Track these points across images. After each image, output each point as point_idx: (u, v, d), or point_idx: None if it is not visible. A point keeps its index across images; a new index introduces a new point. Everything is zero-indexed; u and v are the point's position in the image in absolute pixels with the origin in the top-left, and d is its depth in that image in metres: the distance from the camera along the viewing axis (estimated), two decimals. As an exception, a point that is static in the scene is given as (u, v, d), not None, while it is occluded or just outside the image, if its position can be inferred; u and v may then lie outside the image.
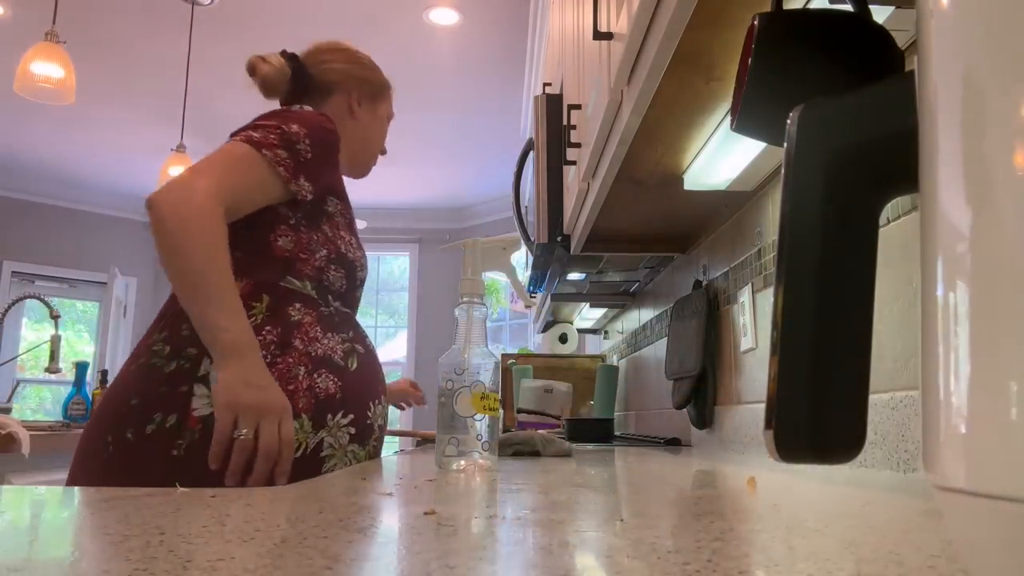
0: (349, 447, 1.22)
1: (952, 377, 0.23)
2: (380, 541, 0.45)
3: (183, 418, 1.11)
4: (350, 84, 1.48)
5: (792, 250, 0.35)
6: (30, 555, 0.39)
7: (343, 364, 1.23)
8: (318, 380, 1.19)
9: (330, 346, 1.23)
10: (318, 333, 1.23)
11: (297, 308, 1.22)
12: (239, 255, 1.18)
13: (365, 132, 1.50)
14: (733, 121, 0.59)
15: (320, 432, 1.18)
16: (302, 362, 1.19)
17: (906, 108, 0.31)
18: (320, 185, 1.28)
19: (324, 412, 1.19)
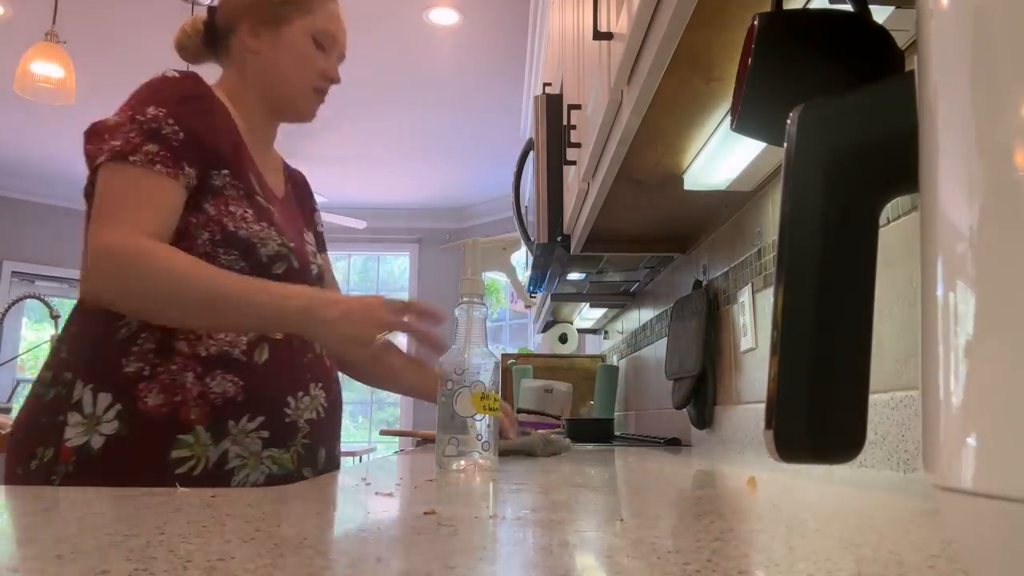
0: (265, 453, 1.09)
1: (952, 377, 0.23)
2: (380, 541, 0.45)
3: (57, 451, 1.02)
4: (242, 16, 1.25)
5: (792, 250, 0.35)
6: (29, 555, 0.39)
7: (246, 359, 1.09)
8: (212, 384, 1.06)
9: (228, 340, 1.09)
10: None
11: None
12: None
13: (271, 64, 1.25)
14: (733, 121, 0.59)
15: (222, 442, 1.06)
16: (189, 367, 1.06)
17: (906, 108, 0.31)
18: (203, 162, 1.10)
19: (223, 419, 1.06)
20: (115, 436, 1.02)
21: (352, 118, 5.33)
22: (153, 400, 1.03)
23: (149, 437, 1.03)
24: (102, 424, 1.02)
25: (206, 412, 1.05)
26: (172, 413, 1.04)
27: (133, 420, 1.03)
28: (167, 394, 1.04)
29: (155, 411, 1.03)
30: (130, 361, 1.05)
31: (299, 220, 1.32)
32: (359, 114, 5.27)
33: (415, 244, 7.53)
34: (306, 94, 1.28)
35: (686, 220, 1.94)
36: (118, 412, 1.03)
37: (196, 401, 1.05)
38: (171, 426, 1.04)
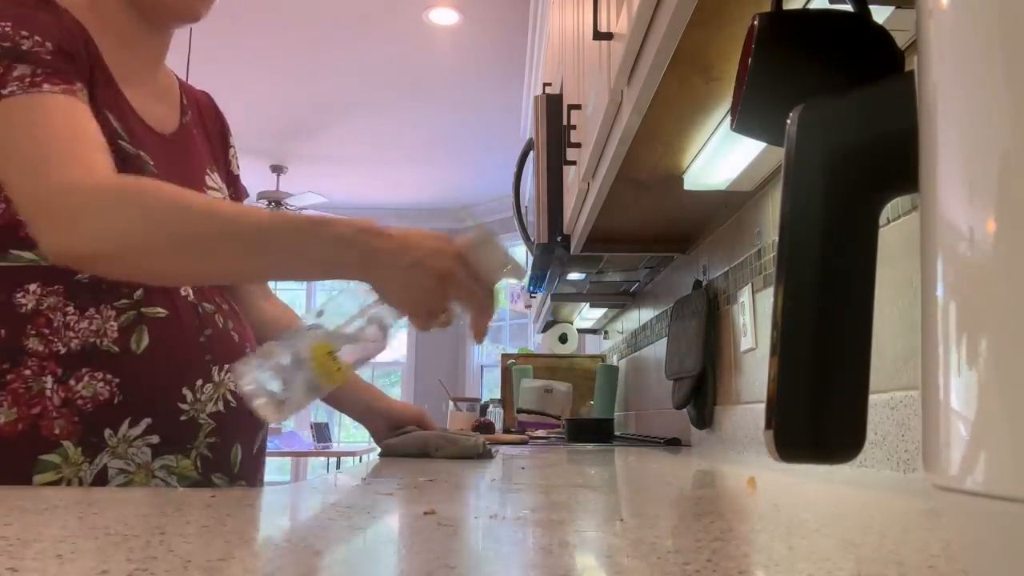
0: (158, 463, 0.88)
1: (952, 377, 0.23)
2: (380, 541, 0.45)
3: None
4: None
5: (792, 250, 0.35)
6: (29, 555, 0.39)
7: (117, 349, 0.86)
8: (78, 387, 0.84)
9: (93, 329, 0.86)
10: (70, 316, 0.85)
11: (30, 291, 0.84)
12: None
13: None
14: (733, 121, 0.59)
15: (99, 456, 0.85)
16: (48, 369, 0.84)
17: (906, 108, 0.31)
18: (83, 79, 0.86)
19: (98, 428, 0.85)
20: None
21: (352, 118, 5.33)
22: (5, 415, 0.82)
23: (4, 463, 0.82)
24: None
25: (74, 423, 0.84)
26: (30, 428, 0.82)
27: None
28: (21, 405, 0.83)
29: (7, 430, 0.82)
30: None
31: (200, 159, 1.05)
32: (359, 114, 5.27)
33: (415, 244, 7.52)
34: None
35: (686, 220, 1.95)
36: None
37: (59, 412, 0.84)
38: (30, 444, 0.82)
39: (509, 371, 3.61)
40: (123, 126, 0.91)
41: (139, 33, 0.98)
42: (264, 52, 4.37)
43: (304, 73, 4.62)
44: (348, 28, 4.18)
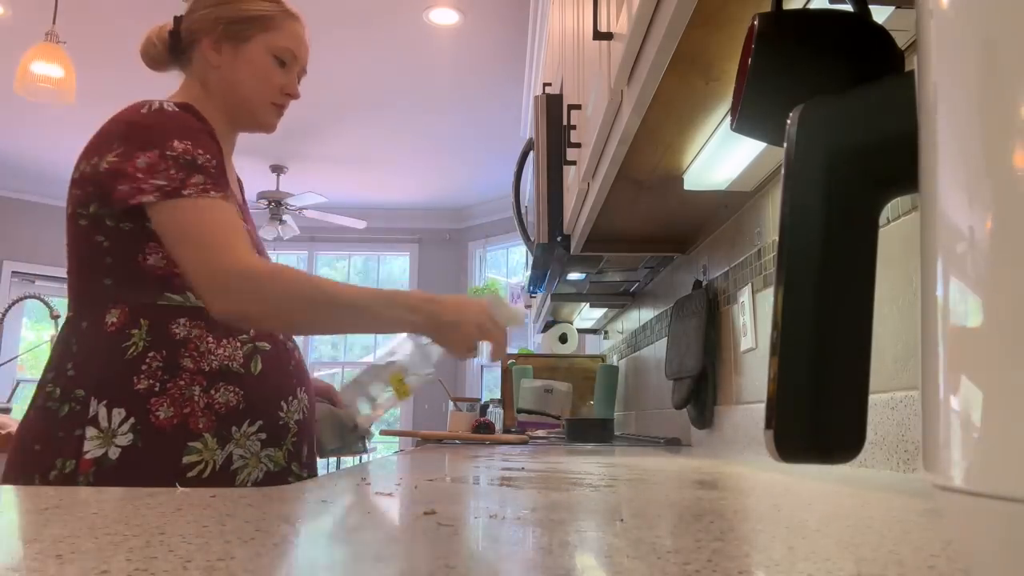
0: (263, 453, 1.19)
1: (952, 377, 0.23)
2: (380, 541, 0.45)
3: (77, 462, 1.10)
4: (203, 31, 1.29)
5: (792, 250, 0.35)
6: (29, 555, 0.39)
7: (243, 371, 1.18)
8: (216, 396, 1.15)
9: (226, 355, 1.18)
10: (210, 345, 1.17)
11: (182, 324, 1.16)
12: (109, 283, 1.16)
13: (231, 78, 1.30)
14: (733, 121, 0.59)
15: (228, 446, 1.16)
16: (196, 381, 1.14)
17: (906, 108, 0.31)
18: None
19: (228, 426, 1.16)
20: (130, 447, 1.11)
21: (352, 118, 5.33)
22: (164, 413, 1.13)
23: (161, 446, 1.12)
24: (118, 437, 1.11)
25: (212, 421, 1.15)
26: (182, 423, 1.13)
27: (146, 432, 1.12)
28: (176, 407, 1.13)
29: (166, 423, 1.13)
30: (141, 379, 1.13)
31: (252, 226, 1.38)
32: (359, 114, 5.27)
33: (415, 244, 7.53)
34: (265, 108, 1.33)
35: (686, 220, 1.95)
36: (132, 426, 1.11)
37: (204, 412, 1.15)
38: (182, 435, 1.13)
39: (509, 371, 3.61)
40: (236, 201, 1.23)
41: (227, 131, 1.33)
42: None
43: (304, 73, 4.62)
44: (348, 28, 4.18)
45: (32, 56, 3.13)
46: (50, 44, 3.16)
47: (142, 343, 1.14)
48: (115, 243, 1.16)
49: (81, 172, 1.20)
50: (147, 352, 1.14)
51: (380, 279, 7.87)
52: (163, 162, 1.12)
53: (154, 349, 1.14)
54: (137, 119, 1.17)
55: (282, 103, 1.35)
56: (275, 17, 1.32)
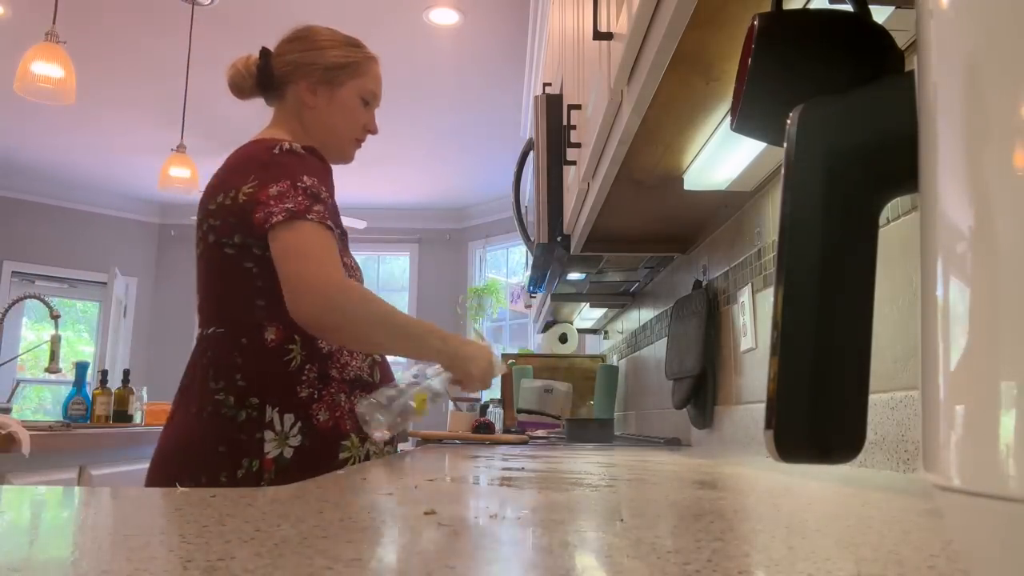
0: (386, 449, 1.41)
1: (952, 377, 0.23)
2: (380, 541, 0.45)
3: (261, 462, 1.28)
4: (300, 74, 1.45)
5: (792, 250, 0.35)
6: (30, 555, 0.39)
7: (370, 379, 1.39)
8: (355, 401, 1.34)
9: (358, 366, 1.38)
10: (347, 358, 1.37)
11: (321, 343, 1.34)
12: (262, 303, 1.32)
13: (326, 119, 1.47)
14: (733, 121, 0.59)
15: (365, 444, 1.36)
16: (341, 389, 1.34)
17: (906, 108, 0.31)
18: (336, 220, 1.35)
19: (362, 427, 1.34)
20: (300, 447, 1.30)
21: (352, 118, 5.33)
22: (323, 416, 1.32)
23: (323, 445, 1.31)
24: (290, 438, 1.30)
25: (354, 422, 1.33)
26: (335, 425, 1.33)
27: (311, 433, 1.30)
28: (330, 412, 1.33)
29: (324, 425, 1.32)
30: (302, 387, 1.31)
31: None
32: (359, 114, 5.26)
33: (415, 244, 7.52)
34: (351, 145, 1.52)
35: (686, 220, 1.94)
36: (300, 428, 1.30)
37: (349, 415, 1.34)
38: (336, 435, 1.33)
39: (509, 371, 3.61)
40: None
41: None
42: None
43: (304, 73, 4.62)
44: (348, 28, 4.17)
45: (32, 56, 3.13)
46: (50, 44, 3.16)
47: (299, 356, 1.32)
48: (263, 269, 1.31)
49: (219, 204, 1.34)
50: (304, 365, 1.32)
51: (380, 279, 7.87)
52: (293, 191, 1.28)
53: (309, 363, 1.33)
54: (270, 158, 1.33)
55: (363, 138, 1.53)
56: (362, 63, 1.50)
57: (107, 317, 6.76)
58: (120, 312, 6.95)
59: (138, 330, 7.27)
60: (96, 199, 7.10)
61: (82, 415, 3.13)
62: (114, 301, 6.75)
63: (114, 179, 6.76)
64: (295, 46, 1.48)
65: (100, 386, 3.23)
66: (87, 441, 2.48)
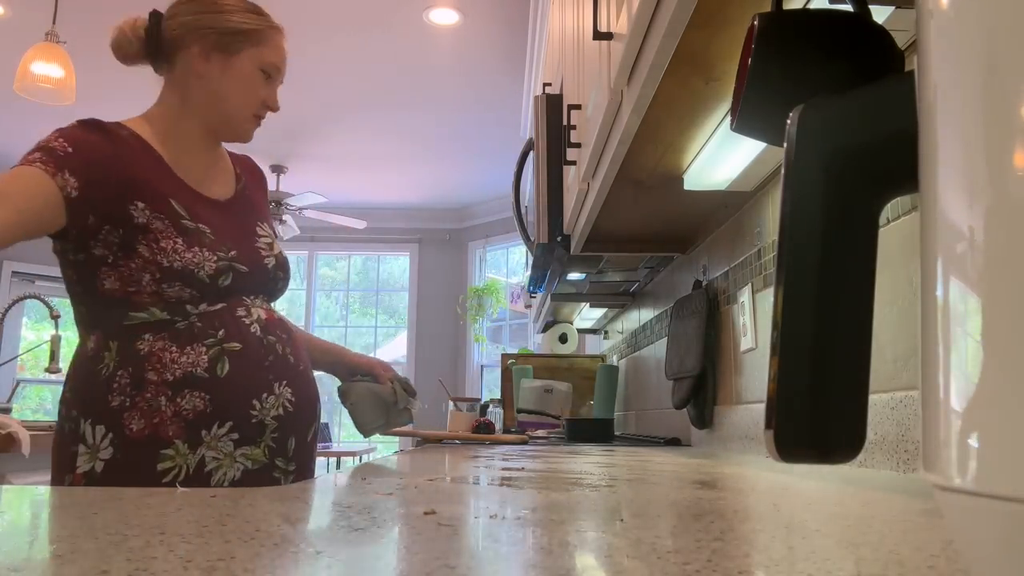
0: (237, 452, 1.25)
1: (952, 377, 0.23)
2: (380, 541, 0.45)
3: (74, 477, 1.21)
4: (193, 37, 1.31)
5: (792, 250, 0.35)
6: (30, 555, 0.39)
7: (207, 375, 1.23)
8: (182, 403, 1.21)
9: (189, 362, 1.22)
10: (173, 355, 1.22)
11: (145, 340, 1.22)
12: (83, 310, 1.26)
13: (215, 89, 1.32)
14: (733, 121, 0.59)
15: (199, 449, 1.22)
16: (161, 392, 1.21)
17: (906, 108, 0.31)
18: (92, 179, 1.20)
19: (197, 430, 1.22)
20: (111, 459, 1.20)
21: (352, 118, 5.33)
22: (136, 425, 1.20)
23: (137, 456, 1.20)
24: (101, 451, 1.20)
25: (182, 428, 1.21)
26: (153, 433, 1.20)
27: (123, 444, 1.20)
28: (146, 418, 1.20)
29: (139, 434, 1.20)
30: (114, 396, 1.20)
31: (250, 215, 1.41)
32: (359, 114, 5.27)
33: (415, 244, 7.53)
34: (247, 120, 1.37)
35: (686, 220, 1.94)
36: (111, 440, 1.20)
37: (172, 420, 1.20)
38: (154, 444, 1.20)
39: (509, 371, 3.61)
40: (184, 207, 1.27)
41: (203, 144, 1.37)
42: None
43: (304, 73, 4.62)
44: (348, 28, 4.18)
45: (32, 56, 3.13)
46: (50, 44, 3.16)
47: (112, 363, 1.22)
48: (77, 273, 1.24)
49: None
50: (116, 371, 1.21)
51: (380, 279, 7.87)
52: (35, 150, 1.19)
53: (122, 367, 1.21)
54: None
55: (262, 115, 1.39)
56: (264, 31, 1.35)
57: (107, 317, 6.75)
58: (120, 312, 6.94)
59: (138, 330, 7.26)
60: (96, 199, 7.09)
61: (82, 415, 3.12)
62: (114, 301, 6.75)
63: (114, 179, 6.74)
64: (190, 7, 1.33)
65: (100, 386, 3.22)
66: (87, 441, 2.48)
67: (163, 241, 1.22)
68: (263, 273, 1.33)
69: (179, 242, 1.23)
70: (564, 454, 1.49)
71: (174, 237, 1.23)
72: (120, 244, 1.21)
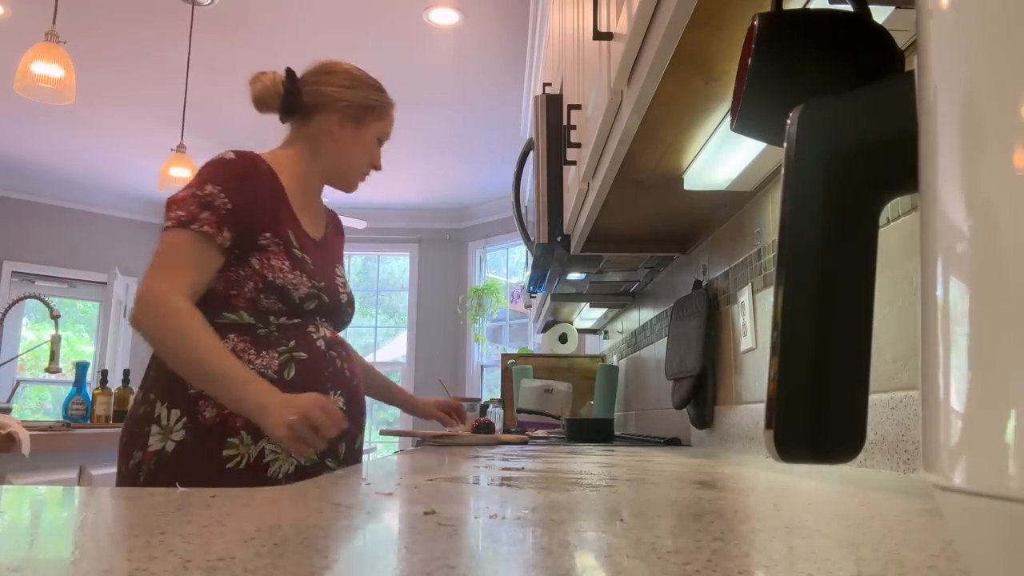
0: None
1: (952, 377, 0.23)
2: (380, 541, 0.45)
3: (144, 454, 1.34)
4: (334, 106, 1.56)
5: (792, 250, 0.35)
6: (30, 555, 0.39)
7: (277, 377, 1.38)
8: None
9: (264, 364, 1.39)
10: (251, 356, 1.38)
11: (231, 338, 1.38)
12: None
13: (344, 151, 1.58)
14: (733, 121, 0.59)
15: (259, 442, 1.36)
16: None
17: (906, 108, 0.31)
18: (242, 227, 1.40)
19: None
20: (182, 442, 1.34)
21: (352, 118, 5.32)
22: (209, 413, 1.35)
23: (207, 441, 1.34)
24: (173, 433, 1.34)
25: (247, 419, 1.33)
26: (223, 421, 1.34)
27: (195, 429, 1.35)
28: (219, 408, 1.34)
29: (210, 421, 1.35)
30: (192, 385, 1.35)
31: (332, 256, 1.63)
32: (359, 114, 5.26)
33: (415, 244, 7.52)
34: (359, 177, 1.65)
35: (686, 220, 1.94)
36: (184, 423, 1.35)
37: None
38: (222, 431, 1.35)
39: (509, 371, 3.61)
40: (296, 237, 1.48)
41: (317, 190, 1.62)
42: (264, 52, 4.38)
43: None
44: (348, 28, 4.18)
45: (32, 56, 3.13)
46: (50, 44, 3.16)
47: None
48: None
49: None
50: None
51: (380, 279, 7.87)
52: (192, 201, 1.38)
53: None
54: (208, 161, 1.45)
55: (368, 173, 1.66)
56: (386, 107, 1.64)
57: (107, 317, 6.76)
58: (120, 312, 6.95)
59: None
60: (96, 199, 7.10)
61: (82, 415, 3.13)
62: (114, 301, 6.76)
63: (114, 179, 6.76)
64: (329, 79, 1.58)
65: (100, 386, 3.23)
66: (87, 441, 2.48)
67: (274, 260, 1.42)
68: (338, 305, 1.54)
69: (286, 264, 1.44)
70: (564, 454, 1.49)
71: (283, 259, 1.44)
72: (238, 256, 1.40)
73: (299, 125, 1.59)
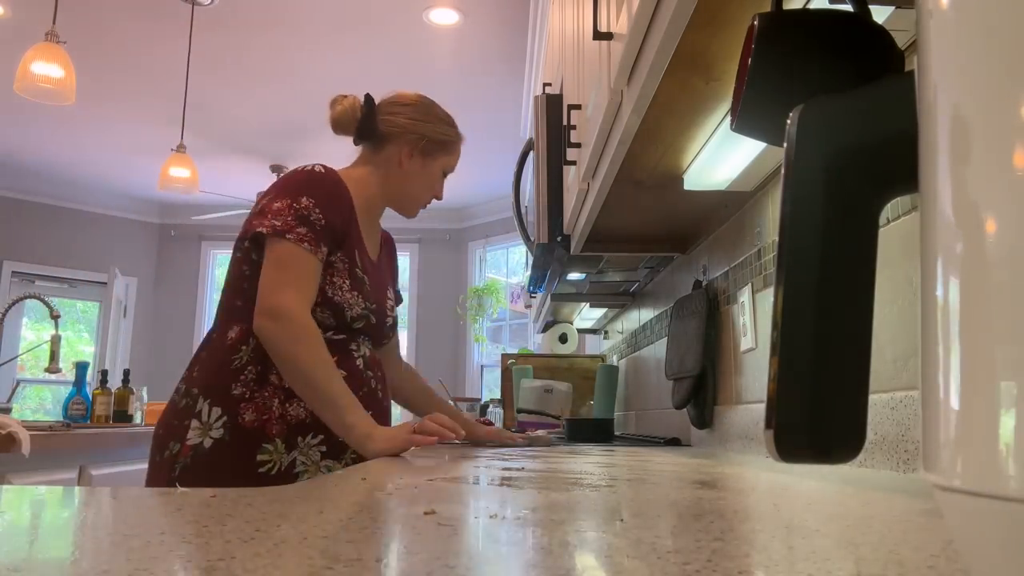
0: (323, 463, 1.43)
1: (952, 377, 0.23)
2: (380, 541, 0.45)
3: (182, 447, 1.37)
4: (406, 138, 1.61)
5: (792, 250, 0.35)
6: (30, 555, 0.39)
7: None
8: (290, 408, 1.40)
9: None
10: None
11: None
12: (239, 303, 1.44)
13: (409, 182, 1.64)
14: (733, 121, 0.59)
15: (292, 452, 1.40)
16: (276, 395, 1.40)
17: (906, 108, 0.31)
18: (330, 245, 1.44)
19: (295, 435, 1.40)
20: (220, 440, 1.37)
21: (352, 118, 5.32)
22: (249, 416, 1.38)
23: (243, 443, 1.37)
24: (212, 430, 1.37)
25: (284, 429, 1.39)
26: (261, 427, 1.38)
27: (233, 429, 1.38)
28: (258, 413, 1.39)
29: (249, 424, 1.38)
30: (237, 386, 1.39)
31: (386, 278, 1.67)
32: (359, 114, 5.26)
33: (415, 244, 7.52)
34: (421, 205, 1.70)
35: (686, 220, 1.94)
36: (224, 422, 1.38)
37: (278, 420, 1.39)
38: (259, 436, 1.38)
39: (509, 371, 3.61)
40: (360, 257, 1.53)
41: (379, 212, 1.67)
42: (264, 52, 4.38)
43: (304, 73, 4.62)
44: (348, 28, 4.18)
45: (32, 56, 3.13)
46: (50, 44, 3.16)
47: (247, 357, 1.41)
48: (252, 271, 1.42)
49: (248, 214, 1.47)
50: (247, 365, 1.40)
51: (380, 279, 7.86)
52: (289, 212, 1.41)
53: (251, 364, 1.40)
54: (291, 176, 1.48)
55: (429, 202, 1.71)
56: (455, 143, 1.71)
57: (107, 317, 6.76)
58: (120, 312, 6.95)
59: (138, 330, 7.26)
60: (96, 199, 7.10)
61: (82, 415, 3.13)
62: (114, 301, 6.76)
63: (114, 179, 6.76)
64: (408, 111, 1.64)
65: (100, 386, 3.23)
66: (87, 441, 2.48)
67: (336, 277, 1.46)
68: (383, 327, 1.58)
69: (346, 282, 1.48)
70: (564, 454, 1.49)
71: (345, 277, 1.48)
72: None
73: (371, 150, 1.64)
